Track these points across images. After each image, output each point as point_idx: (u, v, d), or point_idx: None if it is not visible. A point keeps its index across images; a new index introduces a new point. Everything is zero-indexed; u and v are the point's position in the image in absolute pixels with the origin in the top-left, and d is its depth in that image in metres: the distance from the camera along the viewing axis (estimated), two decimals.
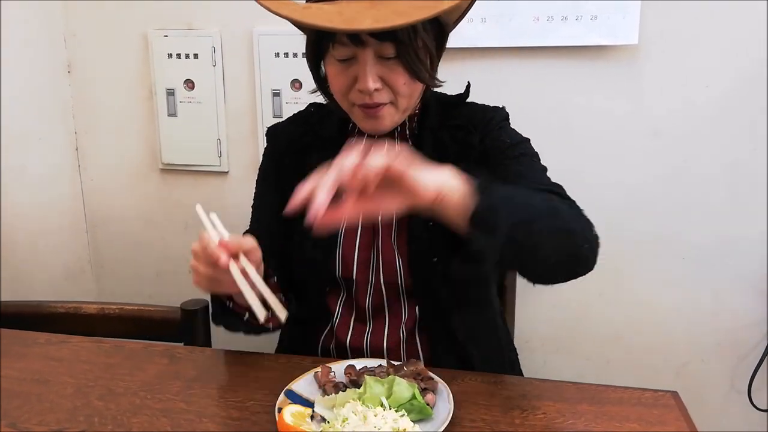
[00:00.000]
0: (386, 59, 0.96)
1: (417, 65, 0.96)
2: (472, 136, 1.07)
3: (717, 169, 1.49)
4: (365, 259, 1.08)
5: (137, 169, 1.82)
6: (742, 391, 1.55)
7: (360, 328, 1.09)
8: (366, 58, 0.95)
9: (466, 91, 1.12)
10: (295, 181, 1.11)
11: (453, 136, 1.08)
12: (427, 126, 1.09)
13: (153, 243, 1.85)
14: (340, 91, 1.02)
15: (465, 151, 1.06)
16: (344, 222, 1.06)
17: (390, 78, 0.97)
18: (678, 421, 0.85)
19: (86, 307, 1.25)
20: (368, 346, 1.08)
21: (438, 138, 1.08)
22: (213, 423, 0.85)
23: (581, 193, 1.53)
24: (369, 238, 1.09)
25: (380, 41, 0.94)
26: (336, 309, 1.11)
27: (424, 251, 1.05)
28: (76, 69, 1.78)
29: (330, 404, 0.83)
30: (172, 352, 1.06)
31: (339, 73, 1.00)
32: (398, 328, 1.08)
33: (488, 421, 0.85)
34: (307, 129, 1.15)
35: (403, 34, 0.93)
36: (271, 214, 1.15)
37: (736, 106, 1.45)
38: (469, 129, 1.08)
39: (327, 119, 1.15)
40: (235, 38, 1.66)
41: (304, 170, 1.10)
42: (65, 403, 0.90)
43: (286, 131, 1.18)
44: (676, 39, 1.44)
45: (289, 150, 1.15)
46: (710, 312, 1.56)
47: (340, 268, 1.08)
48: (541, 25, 1.46)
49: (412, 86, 0.99)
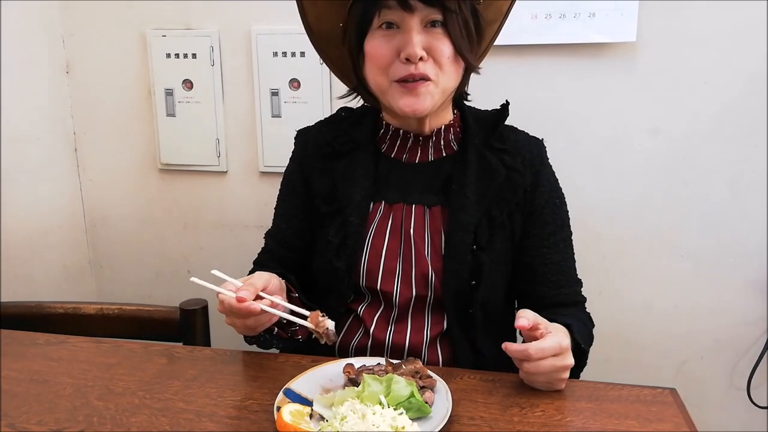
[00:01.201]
0: (432, 27, 0.97)
1: (462, 39, 0.98)
2: (517, 162, 1.08)
3: (716, 166, 1.49)
4: (391, 269, 1.06)
5: (136, 169, 1.82)
6: (742, 388, 1.55)
7: (383, 324, 1.08)
8: (412, 24, 0.96)
9: (505, 111, 1.11)
10: (322, 187, 1.12)
11: (500, 159, 1.08)
12: (470, 143, 1.09)
13: (152, 243, 1.85)
14: (380, 66, 1.00)
15: (514, 179, 1.07)
16: (371, 231, 1.06)
17: (435, 47, 0.98)
18: (676, 419, 0.85)
19: (85, 308, 1.25)
20: (390, 342, 1.06)
21: (483, 158, 1.08)
22: (212, 422, 0.85)
23: (580, 191, 1.55)
24: (397, 248, 1.07)
25: (428, 6, 0.95)
26: (359, 308, 1.09)
27: (463, 272, 1.04)
28: (75, 69, 1.79)
29: (328, 403, 0.83)
30: (171, 352, 1.06)
31: (381, 45, 0.99)
32: (422, 332, 1.07)
33: (487, 419, 0.85)
34: (338, 133, 1.13)
35: (451, 2, 0.95)
36: (296, 221, 1.15)
37: (736, 103, 1.45)
38: (515, 155, 1.09)
39: (358, 123, 1.13)
40: (233, 38, 1.66)
41: (332, 177, 1.11)
42: (64, 403, 0.90)
43: (316, 135, 1.16)
44: (675, 36, 1.43)
45: (318, 154, 1.13)
46: (709, 310, 1.56)
47: (364, 278, 1.07)
48: (539, 22, 1.46)
49: (454, 63, 1.00)
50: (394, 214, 1.09)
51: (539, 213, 1.09)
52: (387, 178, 1.11)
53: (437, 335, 1.07)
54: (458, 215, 1.05)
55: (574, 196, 1.56)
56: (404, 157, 1.11)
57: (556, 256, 1.10)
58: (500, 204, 1.06)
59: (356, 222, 1.07)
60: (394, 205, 1.09)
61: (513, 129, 1.14)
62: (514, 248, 1.10)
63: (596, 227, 1.57)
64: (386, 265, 1.06)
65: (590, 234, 1.57)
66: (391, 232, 1.08)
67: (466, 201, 1.05)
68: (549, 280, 1.10)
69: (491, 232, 1.06)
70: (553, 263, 1.10)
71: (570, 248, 1.14)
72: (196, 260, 1.83)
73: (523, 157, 1.09)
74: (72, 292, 1.83)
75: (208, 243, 1.80)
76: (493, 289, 1.07)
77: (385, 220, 1.09)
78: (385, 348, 1.06)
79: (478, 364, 1.05)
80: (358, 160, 1.10)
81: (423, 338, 1.06)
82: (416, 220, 1.08)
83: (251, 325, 0.94)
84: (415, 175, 1.10)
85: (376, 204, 1.10)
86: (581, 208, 1.56)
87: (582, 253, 1.58)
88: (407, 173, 1.10)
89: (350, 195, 1.08)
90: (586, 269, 1.58)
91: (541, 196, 1.09)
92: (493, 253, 1.06)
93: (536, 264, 1.10)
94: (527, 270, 1.10)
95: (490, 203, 1.06)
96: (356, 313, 1.09)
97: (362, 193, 1.08)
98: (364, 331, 1.08)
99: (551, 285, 1.10)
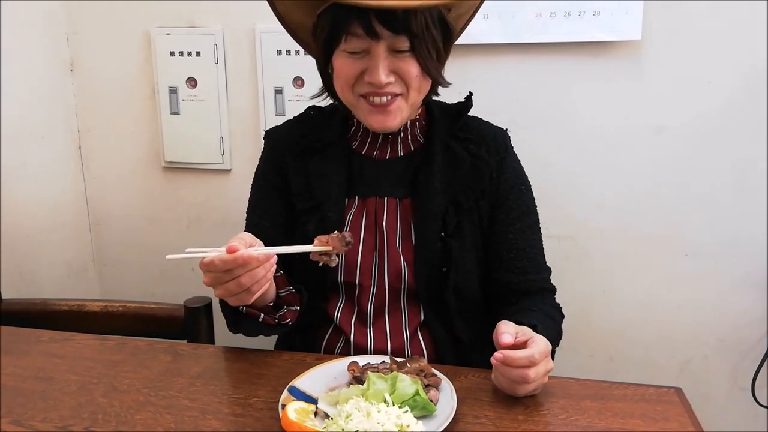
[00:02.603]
0: (399, 52, 0.97)
1: (429, 60, 0.97)
2: (482, 150, 1.09)
3: (721, 165, 1.48)
4: (369, 264, 1.08)
5: (140, 167, 1.82)
6: (746, 387, 1.55)
7: (362, 330, 1.09)
8: (379, 52, 0.96)
9: (469, 102, 1.12)
10: (297, 184, 1.12)
11: (465, 147, 1.09)
12: (436, 135, 1.10)
13: (156, 241, 1.85)
14: (347, 83, 1.01)
15: (479, 167, 1.08)
16: (347, 226, 1.07)
17: (402, 70, 0.97)
18: (681, 418, 0.85)
19: (90, 305, 1.25)
20: (372, 347, 1.07)
21: (449, 148, 1.09)
22: (216, 420, 0.85)
23: (584, 189, 1.55)
24: (372, 242, 1.09)
25: (395, 34, 0.94)
26: (335, 311, 1.10)
27: (434, 260, 1.05)
28: (79, 67, 1.79)
29: (333, 401, 0.83)
30: (176, 350, 1.06)
31: (348, 65, 0.99)
32: (401, 330, 1.08)
33: (492, 418, 0.85)
34: (306, 132, 1.14)
35: (418, 27, 0.94)
36: (271, 218, 1.15)
37: (741, 101, 1.44)
38: (480, 143, 1.09)
39: (327, 122, 1.14)
40: (237, 36, 1.66)
41: (306, 174, 1.11)
42: (69, 400, 0.90)
43: (285, 134, 1.17)
44: (680, 34, 1.43)
45: (290, 153, 1.14)
46: (714, 309, 1.56)
47: (343, 272, 1.08)
48: (543, 21, 1.45)
49: (422, 81, 1.00)
50: (367, 209, 1.10)
51: (504, 199, 1.10)
52: (359, 175, 1.12)
53: (416, 328, 1.08)
54: (426, 205, 1.06)
55: (577, 193, 1.57)
56: (374, 154, 1.12)
57: (521, 243, 1.10)
58: (466, 192, 1.07)
59: (334, 218, 1.08)
60: (367, 198, 1.10)
61: (478, 120, 1.15)
62: (483, 236, 1.11)
63: (600, 225, 1.56)
64: (363, 259, 1.08)
65: (594, 232, 1.57)
66: (366, 227, 1.09)
67: (433, 190, 1.06)
68: (515, 266, 1.10)
69: (458, 219, 1.07)
70: (519, 249, 1.10)
71: (537, 235, 1.14)
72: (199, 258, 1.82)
73: (488, 145, 1.10)
74: (76, 289, 1.84)
75: (211, 241, 1.78)
76: (465, 275, 1.08)
77: (360, 215, 1.10)
78: (369, 353, 1.07)
79: (459, 353, 1.08)
80: (331, 157, 1.11)
81: (404, 338, 1.07)
82: (389, 213, 1.09)
83: (246, 282, 0.86)
84: (386, 170, 1.12)
85: (351, 199, 1.11)
86: (585, 206, 1.56)
87: (585, 251, 1.60)
88: (379, 169, 1.12)
89: (327, 191, 1.09)
90: (589, 267, 1.60)
91: (505, 182, 1.10)
92: (461, 240, 1.07)
93: (502, 250, 1.10)
94: (494, 257, 1.11)
95: (456, 191, 1.07)
96: (335, 322, 1.10)
97: (338, 189, 1.09)
98: (345, 340, 1.09)
99: (517, 271, 1.10)
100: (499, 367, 0.86)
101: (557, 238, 1.55)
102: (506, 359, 0.84)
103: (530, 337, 0.87)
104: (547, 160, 1.50)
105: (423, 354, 1.07)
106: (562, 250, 1.56)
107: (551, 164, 1.51)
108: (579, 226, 1.57)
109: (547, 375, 0.88)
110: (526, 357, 0.84)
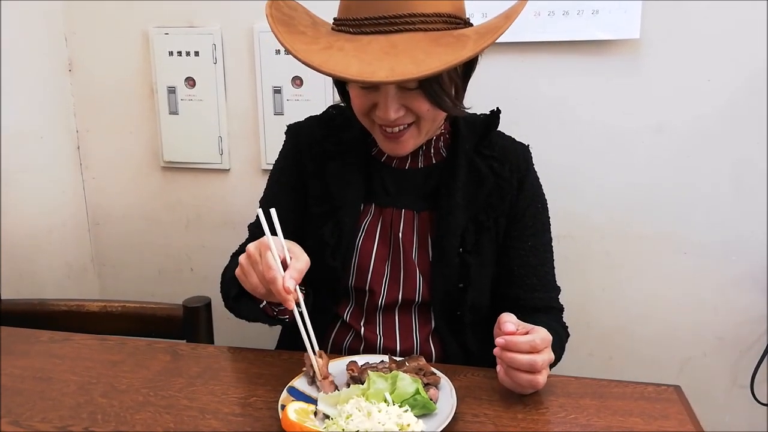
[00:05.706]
0: (409, 90, 0.95)
1: (441, 96, 0.95)
2: (505, 170, 1.08)
3: (720, 164, 1.48)
4: (380, 271, 1.07)
5: (139, 167, 1.82)
6: (745, 385, 1.55)
7: (371, 328, 1.09)
8: (387, 90, 0.94)
9: (496, 119, 1.11)
10: (314, 187, 1.11)
11: (489, 165, 1.08)
12: (461, 150, 1.09)
13: (155, 240, 1.85)
14: (362, 112, 1.01)
15: (502, 187, 1.08)
16: (362, 232, 1.06)
17: (413, 105, 0.96)
18: (680, 416, 0.85)
19: (89, 305, 1.25)
20: (381, 346, 1.07)
21: (473, 164, 1.08)
22: (216, 419, 0.85)
23: (583, 188, 1.55)
24: (386, 252, 1.08)
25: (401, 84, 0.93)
26: (345, 312, 1.10)
27: (452, 276, 1.05)
28: (77, 67, 1.78)
29: (333, 401, 0.83)
30: (175, 349, 1.06)
31: (360, 95, 0.99)
32: (411, 334, 1.08)
33: (491, 416, 0.85)
34: (328, 133, 1.13)
35: None
36: (293, 215, 1.13)
37: (740, 100, 1.44)
38: (503, 161, 1.09)
39: (349, 124, 1.12)
40: (235, 35, 1.65)
41: (324, 177, 1.10)
42: (68, 401, 0.90)
43: (308, 132, 1.15)
44: (678, 33, 1.43)
45: (310, 152, 1.13)
46: (713, 307, 1.56)
47: (354, 277, 1.08)
48: (542, 20, 1.45)
49: (435, 112, 0.98)
50: (383, 218, 1.10)
51: (521, 216, 1.10)
52: (378, 182, 1.11)
53: (427, 336, 1.08)
54: (447, 219, 1.06)
55: (577, 192, 1.57)
56: (394, 163, 1.12)
57: (533, 260, 1.11)
58: (488, 210, 1.08)
59: (350, 224, 1.08)
60: (384, 208, 1.10)
61: (500, 134, 1.14)
62: (498, 252, 1.11)
63: (599, 224, 1.57)
64: (375, 267, 1.07)
65: (593, 231, 1.57)
66: (381, 236, 1.09)
67: (455, 205, 1.06)
68: (525, 282, 1.10)
69: (478, 237, 1.07)
70: (531, 266, 1.10)
71: (549, 254, 1.15)
72: (198, 258, 1.83)
73: (510, 164, 1.10)
74: (75, 289, 1.84)
75: (210, 241, 1.80)
76: (480, 291, 1.08)
77: (375, 223, 1.10)
78: (378, 351, 1.07)
79: (468, 361, 1.07)
80: (350, 162, 1.10)
81: (413, 342, 1.07)
82: (405, 224, 1.09)
83: (264, 296, 0.89)
84: (406, 180, 1.11)
85: (367, 206, 1.11)
86: (585, 205, 1.56)
87: (585, 249, 1.60)
88: (398, 178, 1.11)
89: (344, 196, 1.08)
90: (589, 266, 1.60)
91: (524, 200, 1.10)
92: (480, 257, 1.07)
93: (513, 266, 1.10)
94: (505, 271, 1.11)
95: (477, 209, 1.07)
96: (343, 318, 1.10)
97: (355, 195, 1.09)
98: (354, 334, 1.09)
99: (527, 288, 1.10)
100: (504, 356, 0.85)
101: (556, 237, 1.54)
102: (508, 343, 0.84)
103: (531, 328, 0.88)
104: (546, 159, 1.49)
105: (432, 358, 1.07)
106: (561, 248, 1.56)
107: (550, 163, 1.51)
108: (578, 225, 1.57)
109: (547, 370, 0.88)
110: (528, 341, 0.84)
